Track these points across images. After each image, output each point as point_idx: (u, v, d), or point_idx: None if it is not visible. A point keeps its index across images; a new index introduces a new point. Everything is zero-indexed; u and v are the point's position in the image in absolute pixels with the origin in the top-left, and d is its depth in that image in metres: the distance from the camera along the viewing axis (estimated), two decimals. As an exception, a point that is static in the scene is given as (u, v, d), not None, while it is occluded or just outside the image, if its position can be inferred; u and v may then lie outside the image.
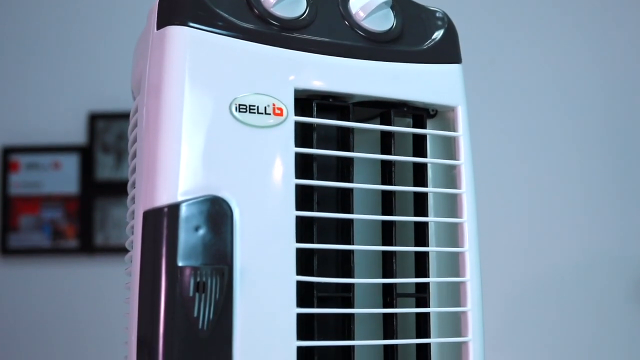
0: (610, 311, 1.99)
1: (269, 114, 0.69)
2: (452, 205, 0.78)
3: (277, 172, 0.69)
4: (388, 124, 0.77)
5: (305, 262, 0.71)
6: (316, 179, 0.73)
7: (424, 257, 0.77)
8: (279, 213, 0.68)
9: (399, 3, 0.79)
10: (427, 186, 0.78)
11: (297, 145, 0.70)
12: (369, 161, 0.78)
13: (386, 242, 0.76)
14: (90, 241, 2.10)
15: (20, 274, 2.11)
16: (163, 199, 0.66)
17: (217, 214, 0.66)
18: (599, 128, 2.06)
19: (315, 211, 0.72)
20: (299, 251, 0.69)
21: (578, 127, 2.06)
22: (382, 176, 0.77)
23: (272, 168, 0.69)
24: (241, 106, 0.68)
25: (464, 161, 0.78)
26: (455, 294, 0.77)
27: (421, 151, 0.78)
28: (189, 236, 0.65)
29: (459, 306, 0.76)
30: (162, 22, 0.70)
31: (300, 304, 0.68)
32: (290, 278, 0.68)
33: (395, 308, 0.74)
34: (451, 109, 0.79)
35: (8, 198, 2.12)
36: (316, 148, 0.73)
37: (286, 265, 0.68)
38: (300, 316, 0.68)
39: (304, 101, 0.73)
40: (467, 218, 0.77)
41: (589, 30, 2.11)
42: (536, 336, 2.00)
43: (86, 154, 2.13)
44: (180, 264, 0.64)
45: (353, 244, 0.74)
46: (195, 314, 0.64)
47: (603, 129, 2.06)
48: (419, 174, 0.78)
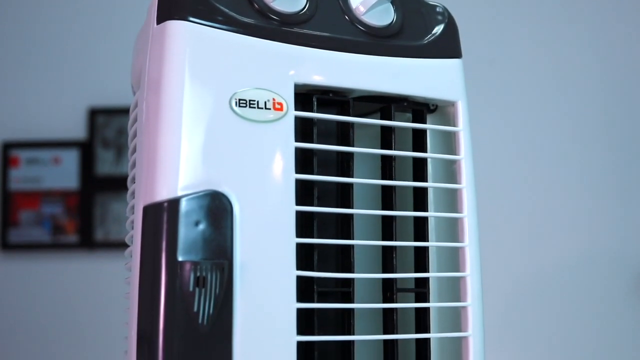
0: (610, 307, 1.99)
1: (269, 109, 0.69)
2: (452, 200, 0.78)
3: (277, 167, 0.69)
4: (388, 119, 0.77)
5: (305, 257, 0.71)
6: (316, 174, 0.73)
7: (424, 252, 0.77)
8: (279, 208, 0.68)
9: (399, -2, 0.78)
10: (427, 181, 0.78)
11: (297, 140, 0.70)
12: (369, 156, 0.78)
13: (386, 237, 0.76)
14: (90, 236, 2.10)
15: (20, 269, 2.11)
16: (163, 194, 0.65)
17: (217, 209, 0.66)
18: (600, 124, 2.06)
19: (315, 206, 0.72)
20: (299, 246, 0.69)
21: (579, 122, 2.06)
22: (382, 171, 0.77)
23: (272, 163, 0.69)
24: (241, 101, 0.68)
25: (464, 156, 0.78)
26: (455, 289, 0.77)
27: (421, 146, 0.78)
28: (189, 231, 0.65)
29: (459, 301, 0.76)
30: (162, 17, 0.70)
31: (300, 299, 0.68)
32: (290, 273, 0.68)
33: (395, 303, 0.74)
34: (451, 104, 0.79)
35: (8, 193, 2.12)
36: (316, 143, 0.73)
37: (286, 260, 0.68)
38: (300, 311, 0.68)
39: (304, 96, 0.73)
40: (467, 213, 0.77)
41: (590, 25, 2.11)
42: (536, 331, 2.00)
43: (86, 149, 2.13)
44: (180, 259, 0.64)
45: (353, 239, 0.74)
46: (195, 309, 0.64)
47: (603, 125, 2.06)
48: (419, 169, 0.78)
